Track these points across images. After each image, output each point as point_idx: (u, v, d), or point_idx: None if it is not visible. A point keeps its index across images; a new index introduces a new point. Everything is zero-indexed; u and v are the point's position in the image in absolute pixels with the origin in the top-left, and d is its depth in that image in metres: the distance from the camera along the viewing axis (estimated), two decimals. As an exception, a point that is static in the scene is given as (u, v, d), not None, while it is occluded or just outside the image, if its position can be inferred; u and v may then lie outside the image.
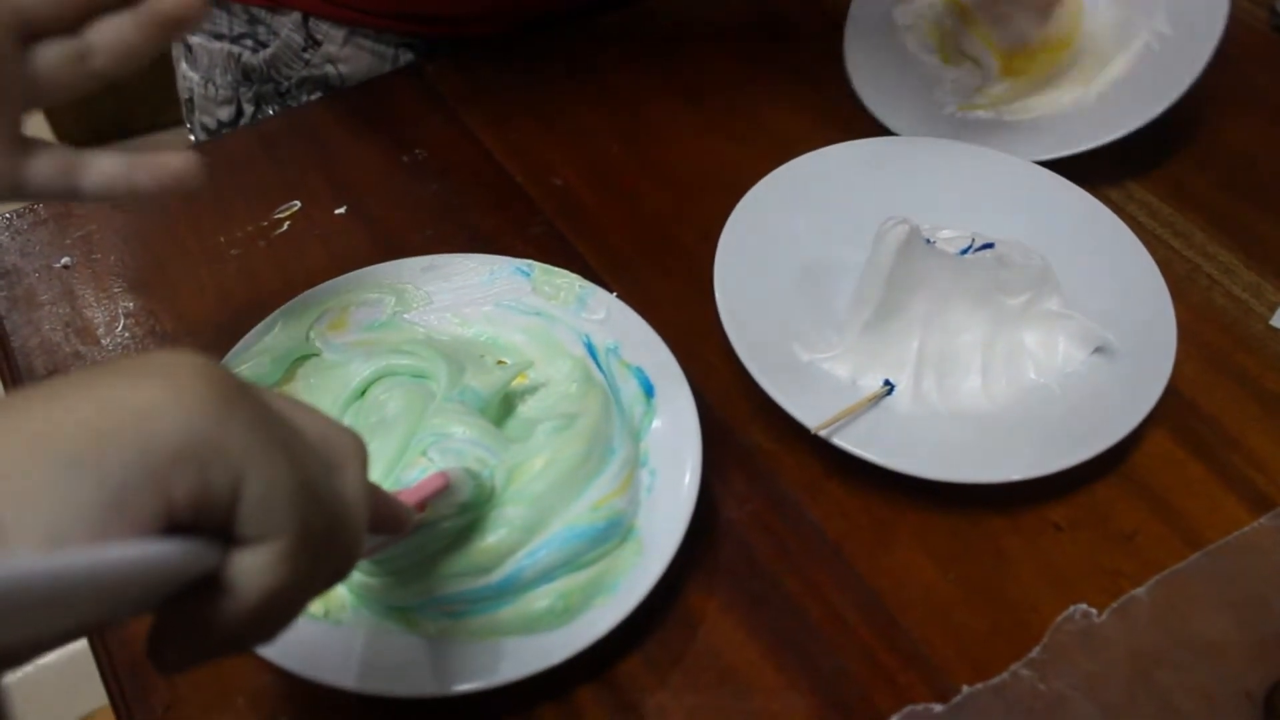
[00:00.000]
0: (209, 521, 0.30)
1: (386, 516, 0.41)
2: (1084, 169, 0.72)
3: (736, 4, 0.85)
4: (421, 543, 0.48)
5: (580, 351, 0.58)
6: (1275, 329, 0.66)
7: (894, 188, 0.66)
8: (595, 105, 0.77)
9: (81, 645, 0.45)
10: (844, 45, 0.77)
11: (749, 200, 0.65)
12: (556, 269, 0.60)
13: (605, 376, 0.57)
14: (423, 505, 0.44)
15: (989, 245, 0.60)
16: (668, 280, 0.66)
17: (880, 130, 0.74)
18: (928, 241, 0.58)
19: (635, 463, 0.53)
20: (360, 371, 0.54)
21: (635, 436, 0.54)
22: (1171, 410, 0.61)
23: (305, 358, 0.57)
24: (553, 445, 0.51)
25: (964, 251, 0.60)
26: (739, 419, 0.60)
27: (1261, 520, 0.57)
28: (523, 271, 0.60)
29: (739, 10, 0.85)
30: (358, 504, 0.36)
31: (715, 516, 0.57)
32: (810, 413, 0.56)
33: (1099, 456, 0.56)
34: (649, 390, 0.56)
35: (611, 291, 0.59)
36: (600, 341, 0.58)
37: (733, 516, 0.57)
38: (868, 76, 0.76)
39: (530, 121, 0.76)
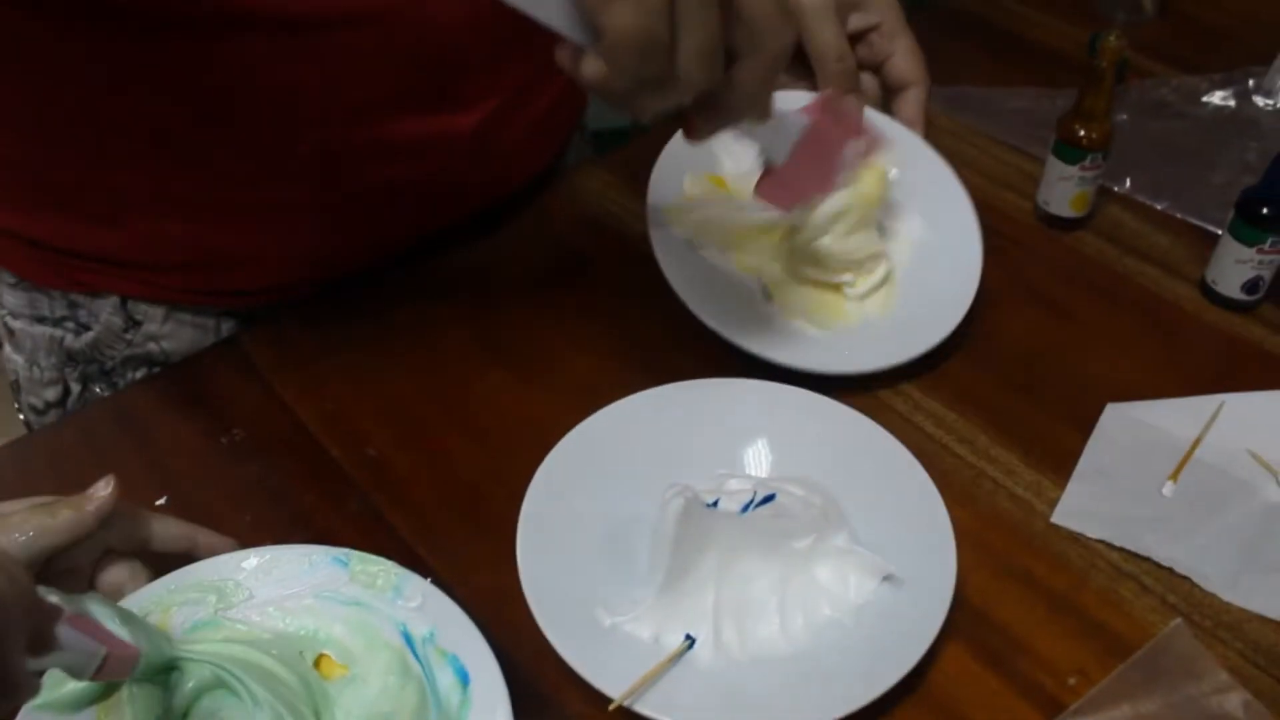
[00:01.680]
0: None
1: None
2: (870, 384, 0.77)
3: (538, 249, 0.89)
4: None
5: (398, 642, 0.59)
6: (1055, 526, 0.70)
7: (690, 434, 0.70)
8: (405, 364, 0.80)
9: None
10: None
11: (552, 459, 0.68)
12: (372, 556, 0.62)
13: (422, 665, 0.58)
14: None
15: (770, 497, 0.63)
16: (480, 544, 0.68)
17: (680, 362, 0.77)
18: (709, 503, 0.62)
19: None
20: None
21: None
22: (964, 623, 0.64)
23: None
24: None
25: (745, 507, 0.63)
26: (551, 684, 0.62)
27: (1050, 727, 0.60)
28: (340, 561, 0.62)
29: (540, 255, 0.89)
30: None
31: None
32: (614, 678, 0.58)
33: (900, 682, 0.59)
34: (464, 678, 0.57)
35: (427, 578, 0.61)
36: (417, 630, 0.59)
37: (555, 786, 0.58)
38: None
39: (342, 386, 0.78)
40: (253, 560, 0.62)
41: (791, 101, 0.68)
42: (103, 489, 0.59)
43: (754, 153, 0.73)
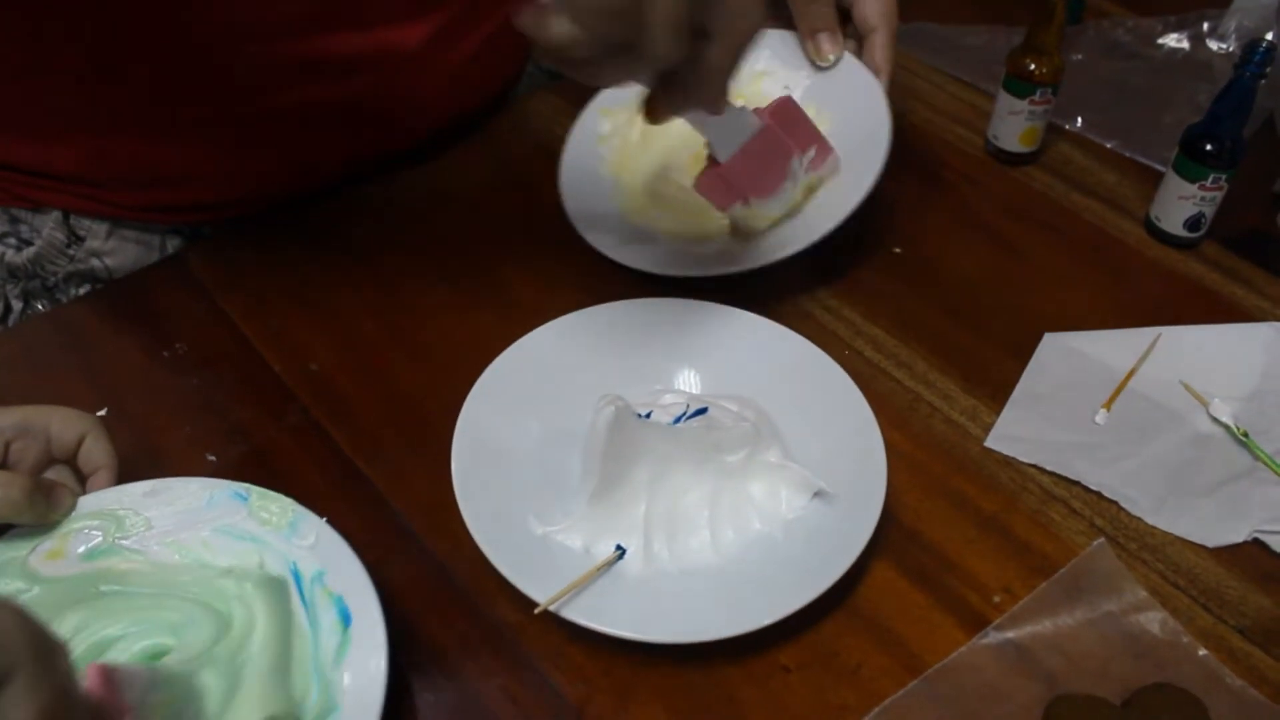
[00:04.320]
0: None
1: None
2: (812, 308, 0.78)
3: (486, 172, 0.89)
4: None
5: (286, 579, 0.59)
6: (989, 450, 0.71)
7: (625, 352, 0.70)
8: (349, 282, 0.80)
9: None
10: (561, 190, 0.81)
11: (488, 376, 0.68)
12: (272, 493, 0.61)
13: (306, 605, 0.58)
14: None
15: (702, 410, 0.64)
16: (419, 457, 0.69)
17: (626, 284, 0.78)
18: (642, 415, 0.62)
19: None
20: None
21: (323, 668, 0.56)
22: (894, 542, 0.65)
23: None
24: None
25: (678, 419, 0.64)
26: (485, 593, 0.62)
27: (974, 640, 0.61)
28: (240, 496, 0.61)
29: (489, 178, 0.89)
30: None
31: (465, 689, 0.59)
32: (544, 586, 0.58)
33: (827, 595, 0.60)
34: (346, 620, 0.57)
35: (322, 517, 0.61)
36: (306, 568, 0.59)
37: (480, 689, 0.59)
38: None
39: (287, 304, 0.79)
40: (152, 490, 0.62)
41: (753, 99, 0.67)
42: (68, 503, 0.60)
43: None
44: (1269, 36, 0.78)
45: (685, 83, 0.58)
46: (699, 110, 0.62)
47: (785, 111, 0.74)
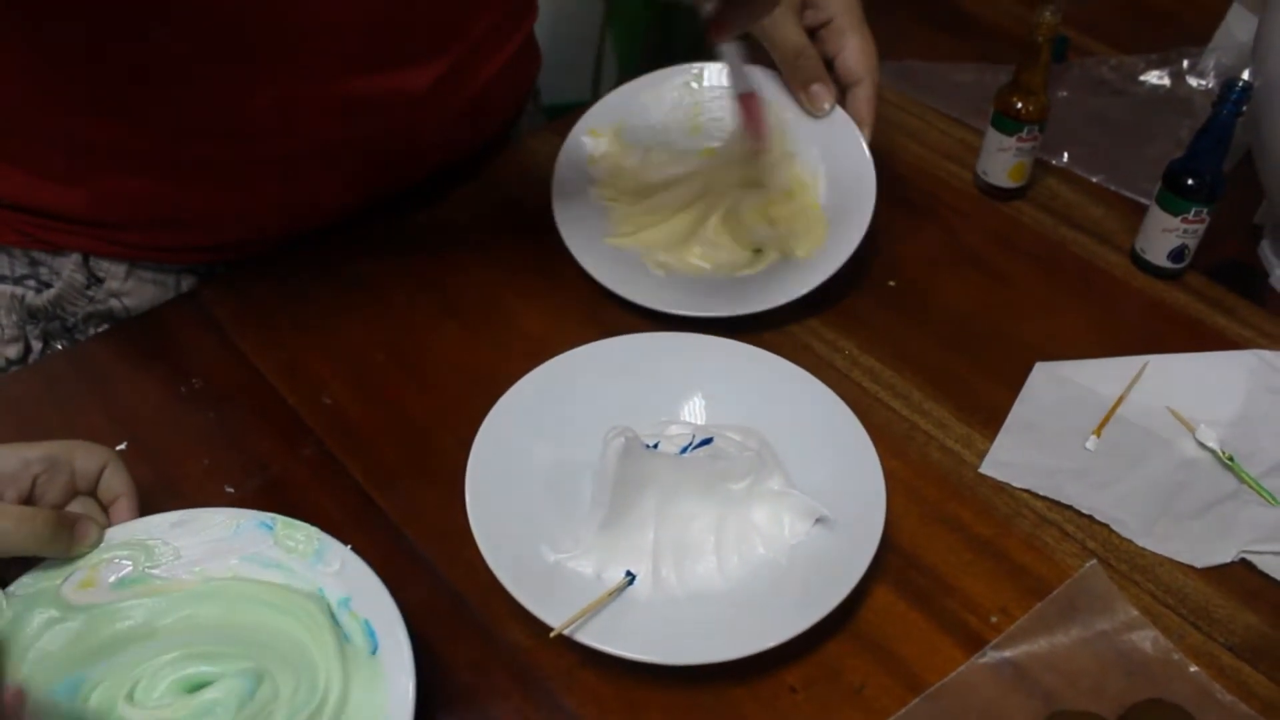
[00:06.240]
0: None
1: None
2: (810, 341, 0.80)
3: (489, 208, 0.92)
4: None
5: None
6: (983, 476, 0.73)
7: (633, 384, 0.72)
8: (360, 317, 0.82)
9: None
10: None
11: (500, 408, 0.70)
12: (296, 522, 0.63)
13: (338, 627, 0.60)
14: None
15: (707, 440, 0.66)
16: (432, 488, 0.71)
17: (631, 317, 0.80)
18: (650, 445, 0.65)
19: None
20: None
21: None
22: (894, 565, 0.68)
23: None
24: None
25: (684, 450, 0.66)
26: (499, 619, 0.64)
27: (972, 660, 0.63)
28: (266, 525, 0.63)
29: (492, 213, 0.91)
30: None
31: (482, 712, 0.61)
32: (557, 611, 0.61)
33: (830, 618, 0.62)
34: (374, 646, 0.59)
35: (347, 545, 0.63)
36: (333, 594, 0.61)
37: (496, 712, 0.61)
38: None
39: (300, 338, 0.81)
40: (180, 521, 0.64)
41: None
42: (93, 535, 0.62)
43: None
44: (1245, 74, 0.81)
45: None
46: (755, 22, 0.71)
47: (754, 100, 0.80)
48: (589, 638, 0.60)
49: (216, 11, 0.71)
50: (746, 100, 0.79)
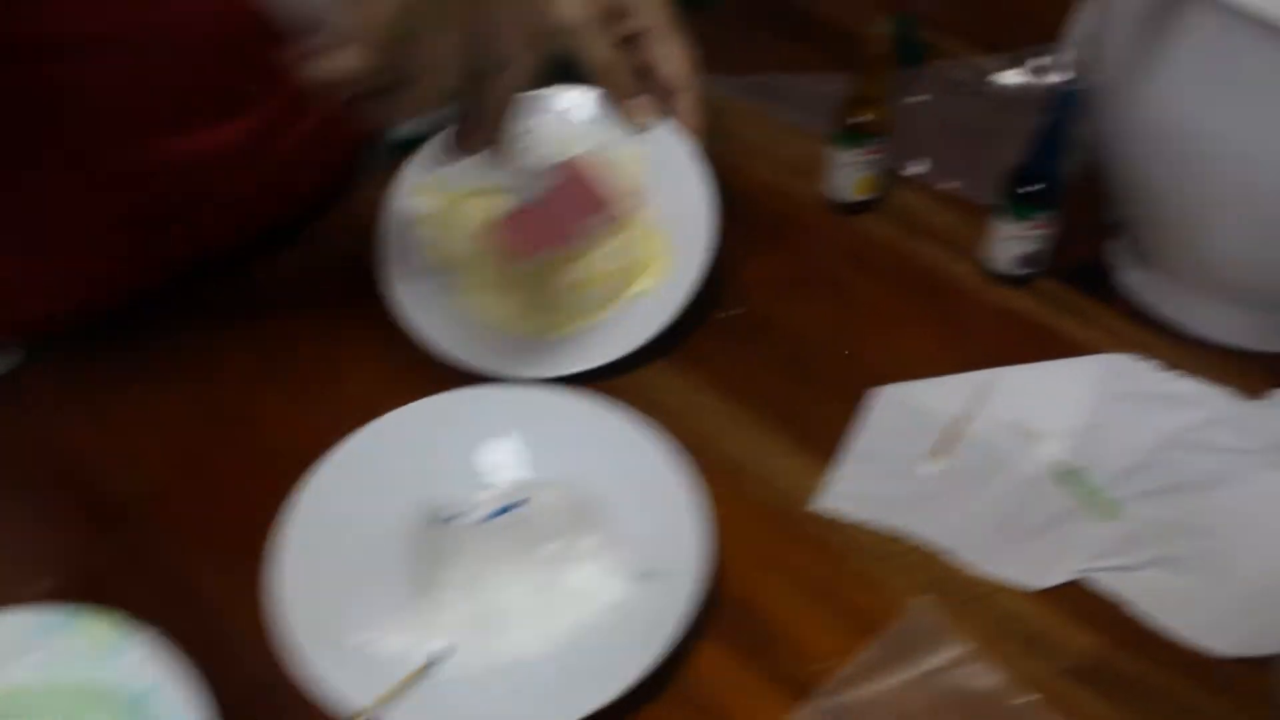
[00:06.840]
0: None
1: None
2: (645, 380, 0.78)
3: (318, 267, 0.89)
4: None
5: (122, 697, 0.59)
6: (819, 512, 0.71)
7: (449, 445, 0.71)
8: (185, 391, 0.80)
9: None
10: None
11: (309, 486, 0.68)
12: (99, 612, 0.61)
13: None
14: None
15: (514, 505, 0.65)
16: (249, 565, 0.67)
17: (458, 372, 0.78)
18: (448, 519, 0.63)
19: None
20: None
21: None
22: (726, 617, 0.66)
23: None
24: None
25: (492, 515, 0.64)
26: (313, 704, 0.62)
27: (799, 709, 0.62)
28: (66, 618, 0.61)
29: (322, 272, 0.89)
30: None
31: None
32: (368, 694, 0.59)
33: (657, 676, 0.60)
34: None
35: (157, 629, 0.60)
36: (137, 685, 0.59)
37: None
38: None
39: (117, 414, 0.78)
40: None
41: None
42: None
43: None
44: (1071, 75, 0.80)
45: (478, 118, 0.63)
46: (488, 148, 0.65)
47: (580, 172, 0.77)
48: (398, 720, 0.58)
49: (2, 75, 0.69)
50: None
